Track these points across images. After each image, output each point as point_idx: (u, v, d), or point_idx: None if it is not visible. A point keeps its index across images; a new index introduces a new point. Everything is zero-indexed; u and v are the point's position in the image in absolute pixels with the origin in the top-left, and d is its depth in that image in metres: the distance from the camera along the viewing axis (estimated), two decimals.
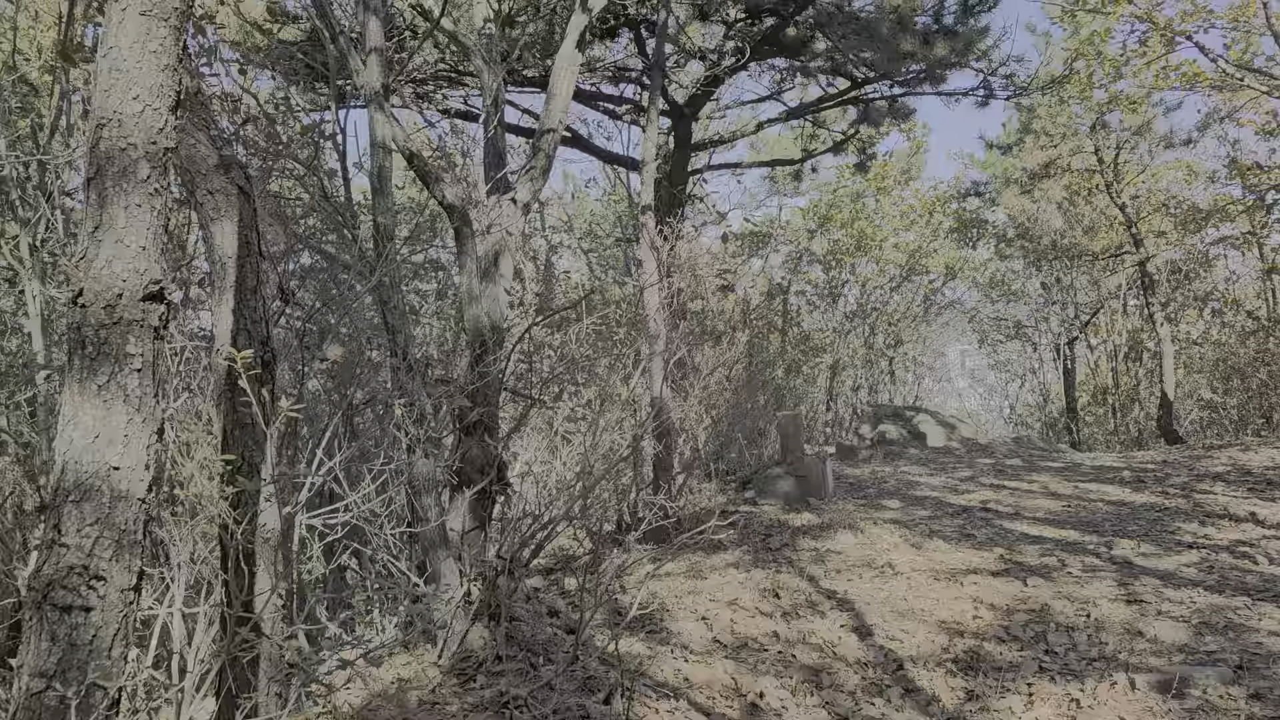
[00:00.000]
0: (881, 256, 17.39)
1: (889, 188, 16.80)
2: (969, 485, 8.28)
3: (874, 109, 12.67)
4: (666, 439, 5.79)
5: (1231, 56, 11.16)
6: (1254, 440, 10.04)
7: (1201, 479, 7.98)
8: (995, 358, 23.47)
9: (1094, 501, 7.19)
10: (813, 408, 17.51)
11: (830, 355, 16.92)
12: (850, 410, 18.17)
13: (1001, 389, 25.30)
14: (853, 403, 18.13)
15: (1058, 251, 16.53)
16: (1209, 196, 14.75)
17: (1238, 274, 17.96)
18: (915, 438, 11.69)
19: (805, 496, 7.61)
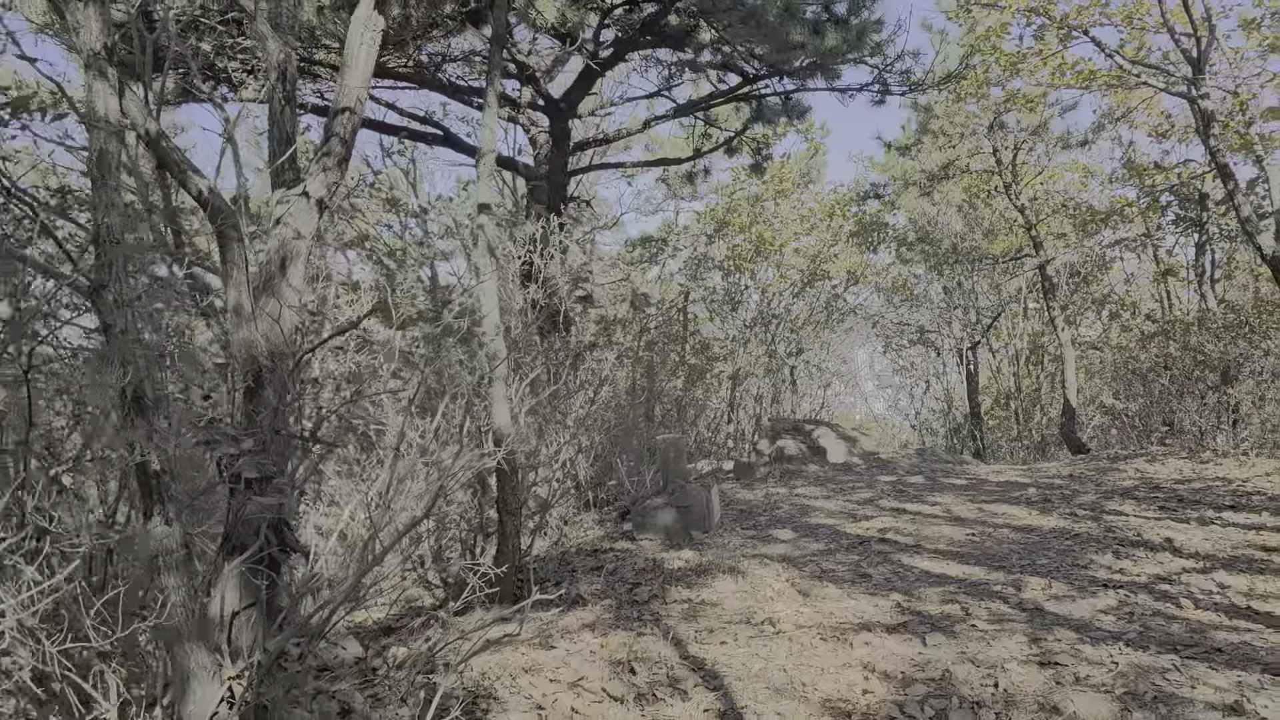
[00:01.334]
0: (782, 262, 16.84)
1: (787, 190, 16.26)
2: (868, 509, 7.62)
3: (767, 106, 12.03)
4: (510, 479, 4.93)
5: (1126, 54, 10.84)
6: (1159, 450, 9.66)
7: (1110, 496, 7.47)
8: (900, 363, 23.24)
9: (1000, 528, 6.58)
10: (714, 420, 16.87)
11: (731, 364, 16.27)
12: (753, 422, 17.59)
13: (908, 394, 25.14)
14: (755, 413, 17.55)
15: (958, 255, 16.21)
16: (1106, 198, 14.57)
17: (1134, 276, 17.96)
18: (815, 453, 11.06)
19: (688, 529, 6.83)
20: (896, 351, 23.45)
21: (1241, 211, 9.93)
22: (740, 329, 16.52)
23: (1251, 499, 6.90)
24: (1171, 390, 10.65)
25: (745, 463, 11.24)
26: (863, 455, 11.05)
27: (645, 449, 9.40)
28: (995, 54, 10.87)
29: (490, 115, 5.08)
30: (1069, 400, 12.69)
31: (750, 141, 12.83)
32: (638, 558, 6.16)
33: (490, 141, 5.01)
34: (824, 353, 21.67)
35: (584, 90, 9.92)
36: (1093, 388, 13.40)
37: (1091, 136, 13.87)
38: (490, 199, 4.94)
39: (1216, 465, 8.38)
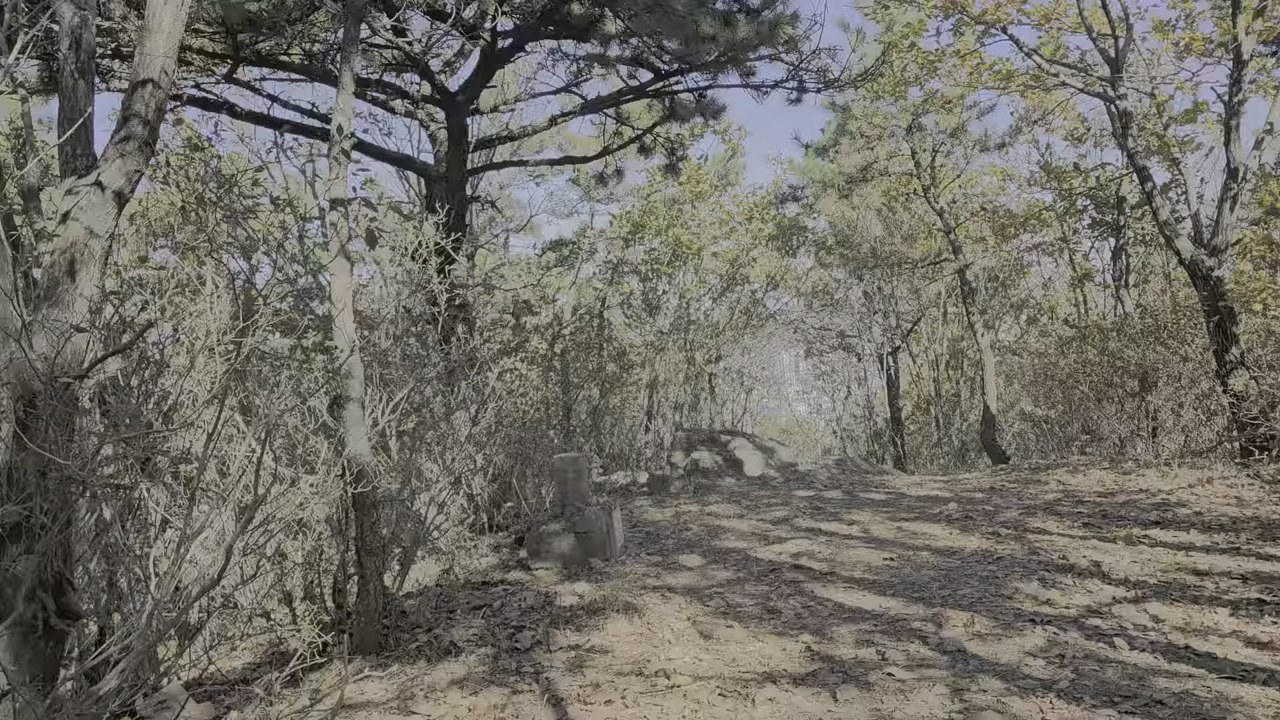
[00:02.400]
0: (701, 266, 16.39)
1: (705, 193, 15.81)
2: (782, 530, 7.13)
3: (680, 104, 11.52)
4: (369, 514, 4.29)
5: (1044, 53, 10.61)
6: (1080, 460, 9.40)
7: (1033, 512, 7.11)
8: (822, 367, 23.00)
9: (920, 550, 6.14)
10: (631, 429, 16.34)
11: (648, 372, 15.76)
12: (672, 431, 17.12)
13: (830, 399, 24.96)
14: (675, 422, 17.07)
15: (877, 259, 15.95)
16: (1024, 202, 14.45)
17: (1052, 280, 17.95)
18: (731, 466, 10.58)
19: (587, 558, 6.26)
20: (818, 356, 23.23)
21: (1160, 214, 9.73)
22: (657, 335, 16.01)
23: (1177, 514, 6.59)
24: (1091, 397, 10.44)
25: (659, 476, 10.70)
26: (780, 467, 10.61)
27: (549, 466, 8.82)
28: (913, 51, 10.54)
29: (345, 98, 4.43)
30: (988, 407, 12.45)
31: (664, 142, 12.31)
32: (528, 592, 5.57)
33: (343, 124, 4.37)
34: (745, 358, 21.31)
35: (482, 82, 9.28)
36: (1012, 394, 13.21)
37: (1009, 140, 13.70)
38: (342, 193, 4.30)
39: (1139, 476, 8.11)
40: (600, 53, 10.44)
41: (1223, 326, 9.02)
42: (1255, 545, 5.59)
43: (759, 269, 16.83)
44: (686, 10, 8.39)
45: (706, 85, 10.76)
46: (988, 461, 12.63)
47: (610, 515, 6.47)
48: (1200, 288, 9.28)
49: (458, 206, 9.74)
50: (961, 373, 17.38)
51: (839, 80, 9.82)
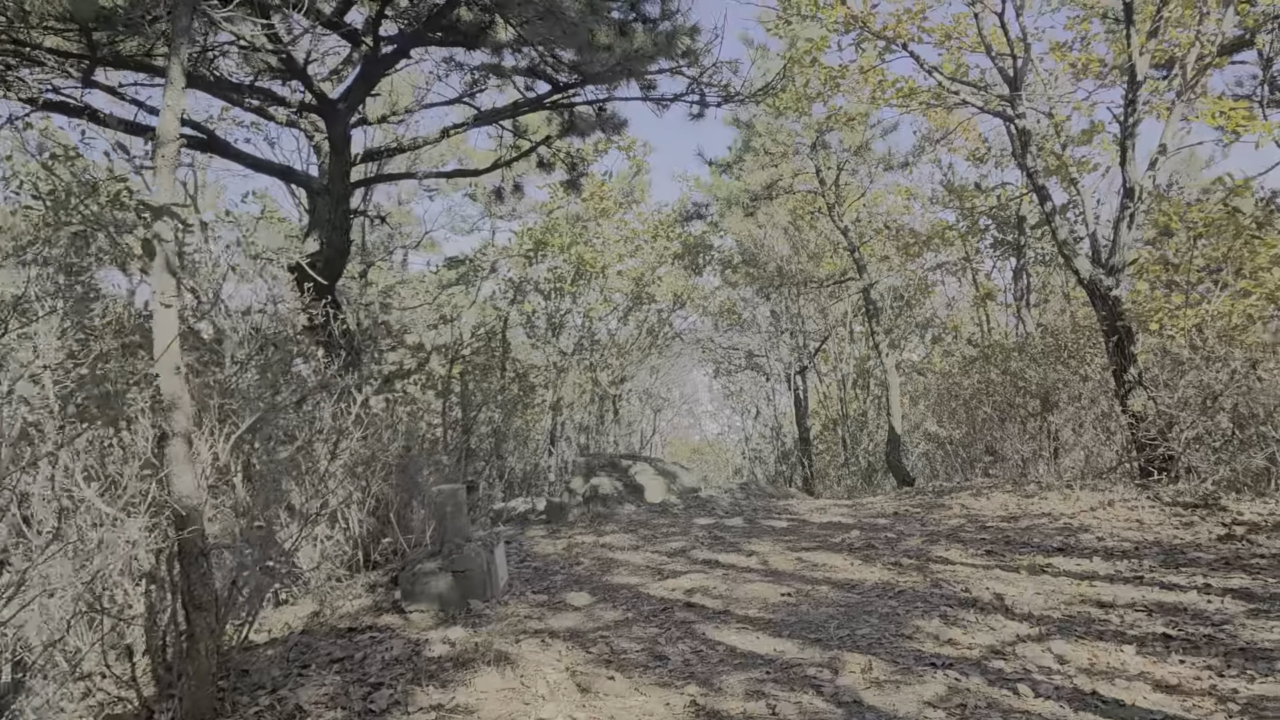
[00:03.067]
0: (605, 284, 16.01)
1: (609, 210, 15.45)
2: (678, 563, 6.74)
3: (580, 118, 11.16)
4: (196, 565, 3.75)
5: (945, 70, 10.55)
6: (984, 482, 9.26)
7: (936, 539, 6.87)
8: (730, 387, 22.83)
9: (819, 584, 5.80)
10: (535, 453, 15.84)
11: (552, 393, 15.29)
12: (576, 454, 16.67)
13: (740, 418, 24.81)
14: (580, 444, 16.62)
15: (783, 278, 15.79)
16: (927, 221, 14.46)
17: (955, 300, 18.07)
18: (632, 492, 10.18)
19: (465, 598, 5.76)
20: (727, 376, 23.06)
21: (1058, 234, 9.70)
22: (560, 355, 15.54)
23: (1080, 539, 6.41)
24: (994, 417, 10.35)
25: (557, 503, 10.23)
26: (682, 493, 10.24)
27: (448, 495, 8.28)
28: (815, 67, 10.38)
29: (173, 94, 3.91)
30: (893, 428, 12.32)
31: (565, 157, 11.93)
32: (397, 640, 5.06)
33: (169, 130, 3.84)
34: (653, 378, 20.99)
35: (365, 90, 8.75)
36: (918, 414, 13.12)
37: (912, 159, 13.70)
38: (169, 199, 3.77)
39: (1041, 499, 7.96)
40: (495, 63, 10.01)
41: (1121, 346, 9.00)
42: (1158, 573, 5.41)
43: (665, 287, 16.54)
44: (580, 18, 8.03)
45: (605, 98, 10.42)
46: (894, 483, 12.50)
47: (492, 552, 5.99)
48: (1099, 307, 9.25)
49: (341, 221, 9.18)
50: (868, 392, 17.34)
51: (740, 95, 9.57)
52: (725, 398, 23.83)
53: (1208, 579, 5.18)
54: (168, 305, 3.70)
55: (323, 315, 9.39)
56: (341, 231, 9.20)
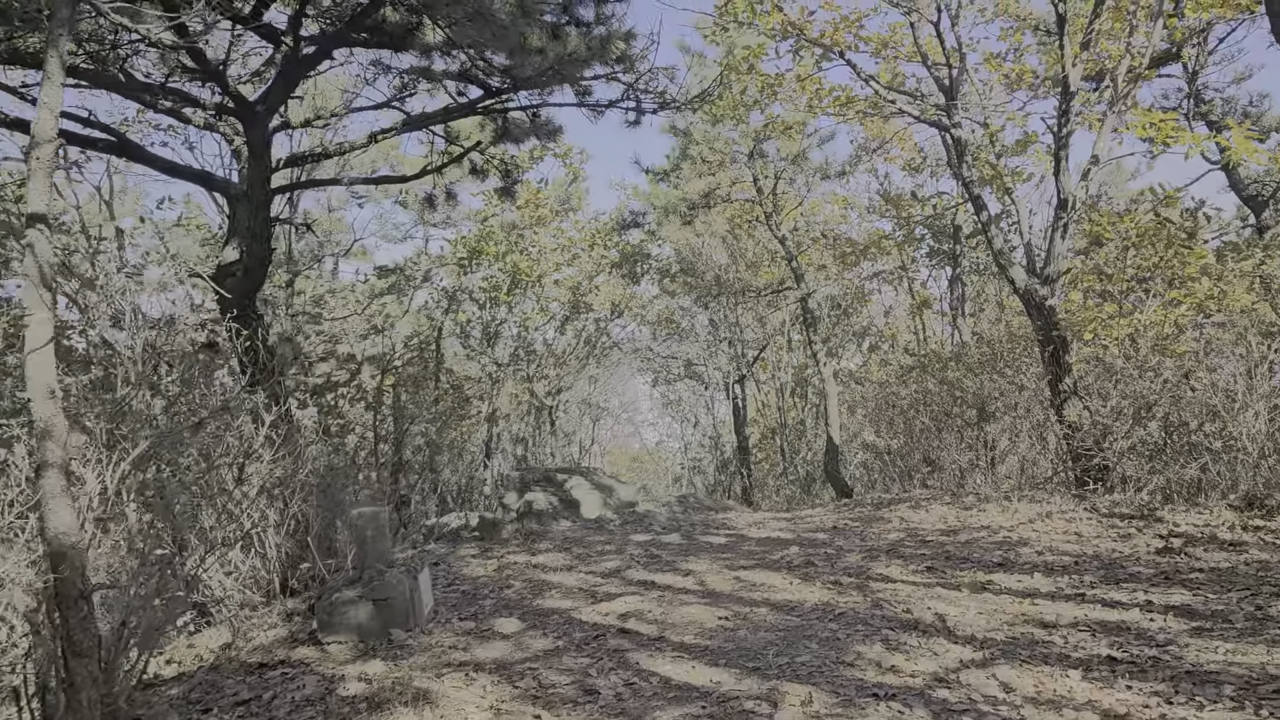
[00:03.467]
0: (542, 294, 15.72)
1: (545, 218, 15.17)
2: (612, 584, 6.50)
3: (514, 124, 10.89)
4: (75, 609, 3.41)
5: (882, 79, 10.50)
6: (922, 494, 9.19)
7: (876, 555, 6.73)
8: (670, 396, 22.67)
9: (758, 605, 5.61)
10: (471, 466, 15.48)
11: (487, 405, 14.95)
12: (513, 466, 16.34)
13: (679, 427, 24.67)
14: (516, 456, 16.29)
15: (720, 287, 15.66)
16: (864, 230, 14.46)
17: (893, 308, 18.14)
18: (568, 507, 9.92)
19: (387, 629, 5.46)
20: (667, 384, 22.91)
21: (994, 243, 9.69)
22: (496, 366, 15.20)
23: (1020, 554, 6.33)
24: (931, 427, 10.30)
25: (490, 519, 9.93)
26: (619, 508, 10.01)
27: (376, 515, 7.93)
28: (752, 75, 10.25)
29: (51, 91, 3.58)
30: (831, 437, 12.25)
31: (498, 163, 11.64)
32: (310, 676, 4.75)
33: (47, 130, 3.51)
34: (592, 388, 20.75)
35: (285, 92, 8.37)
36: (855, 423, 13.06)
37: (850, 168, 13.68)
38: (42, 207, 3.44)
39: (980, 511, 7.89)
40: (425, 66, 9.70)
41: (1056, 356, 9.00)
42: (1099, 589, 5.32)
43: (603, 297, 16.30)
44: (511, 21, 7.77)
45: (539, 104, 10.17)
46: (833, 493, 12.42)
47: (416, 577, 5.69)
48: (1034, 317, 9.26)
49: (261, 228, 8.79)
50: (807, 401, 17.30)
51: (676, 101, 9.39)
52: (664, 406, 23.67)
53: (1149, 595, 5.10)
54: (41, 321, 3.37)
55: (234, 329, 9.00)
56: (262, 240, 8.80)
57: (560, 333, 17.06)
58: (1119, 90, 9.38)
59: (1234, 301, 8.40)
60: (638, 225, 15.01)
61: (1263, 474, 6.95)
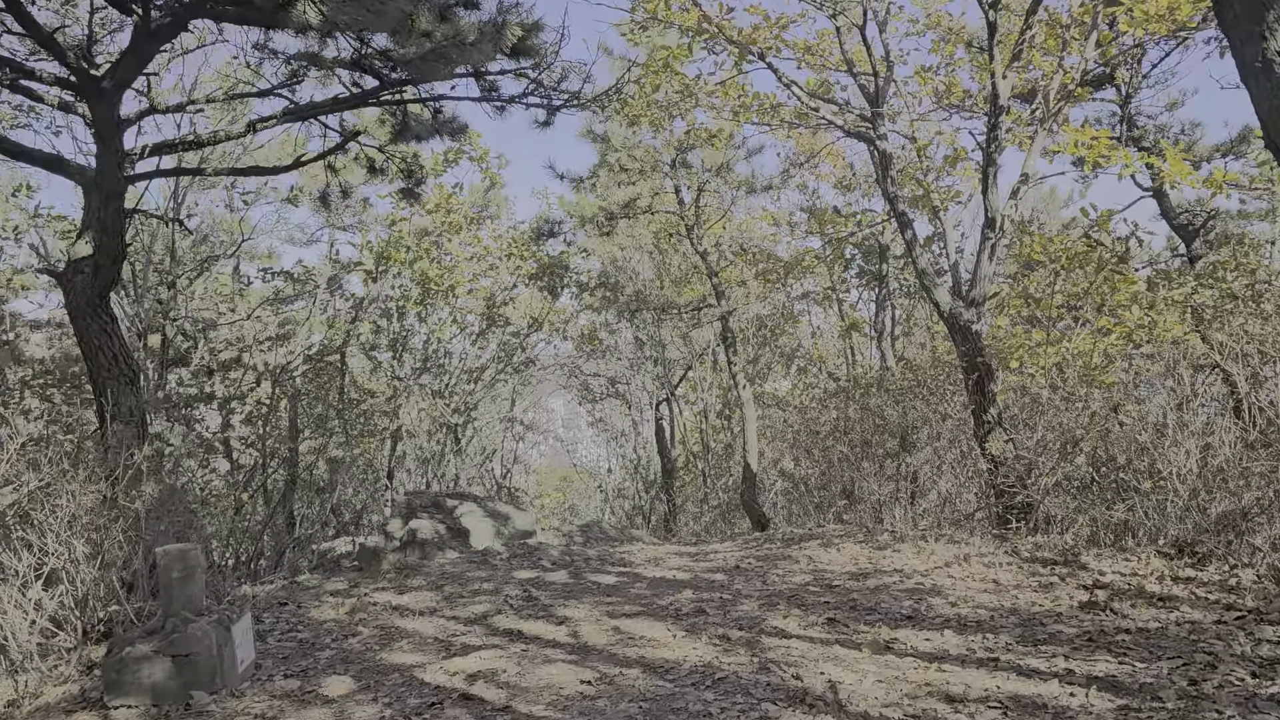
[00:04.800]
0: (455, 305, 14.86)
1: (457, 224, 14.32)
2: (474, 633, 5.70)
3: (415, 120, 10.09)
4: None
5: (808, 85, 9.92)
6: (835, 530, 8.54)
7: (775, 603, 6.03)
8: (595, 415, 21.89)
9: (630, 666, 4.86)
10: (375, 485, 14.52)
11: (391, 422, 14.04)
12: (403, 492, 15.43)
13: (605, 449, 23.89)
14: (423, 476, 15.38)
15: (639, 302, 14.96)
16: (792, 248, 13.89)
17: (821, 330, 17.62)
18: (456, 536, 9.09)
19: (188, 690, 4.61)
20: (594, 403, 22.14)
21: (918, 263, 9.14)
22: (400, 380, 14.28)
23: (931, 605, 5.67)
24: (850, 457, 9.68)
25: (370, 548, 9.07)
26: (511, 538, 9.20)
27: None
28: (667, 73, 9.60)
29: None
30: (749, 465, 11.60)
31: (399, 162, 10.81)
32: None
33: None
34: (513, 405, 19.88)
35: (136, 68, 7.46)
36: (776, 450, 12.42)
37: (777, 183, 13.09)
38: None
39: (894, 551, 7.25)
40: (314, 51, 8.87)
41: (981, 384, 8.45)
42: (1015, 653, 4.67)
43: (520, 310, 15.50)
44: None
45: (437, 95, 9.41)
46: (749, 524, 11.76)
47: (229, 629, 4.83)
48: (959, 342, 8.70)
49: (112, 221, 7.86)
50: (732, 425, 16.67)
51: (582, 98, 8.69)
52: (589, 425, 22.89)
53: (1070, 662, 4.46)
54: None
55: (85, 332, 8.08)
56: (113, 233, 7.87)
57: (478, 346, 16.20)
58: (1050, 107, 8.91)
59: (1164, 332, 7.90)
60: (554, 235, 14.24)
61: (1193, 517, 6.41)
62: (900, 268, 13.10)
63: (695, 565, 7.72)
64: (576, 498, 25.03)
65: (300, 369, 13.55)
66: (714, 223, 12.81)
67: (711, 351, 16.28)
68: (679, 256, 15.57)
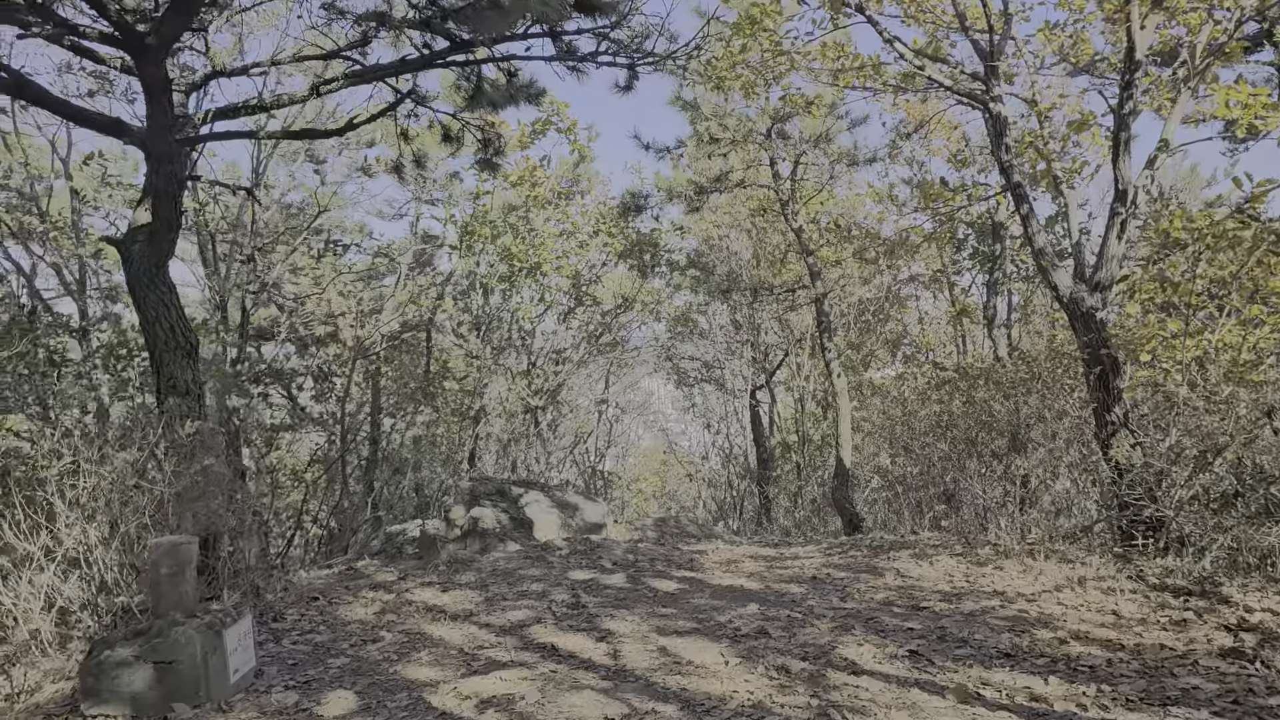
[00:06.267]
0: (541, 283, 14.34)
1: (541, 197, 13.75)
2: (504, 646, 5.10)
3: (490, 84, 9.57)
4: None
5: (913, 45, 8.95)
6: (931, 539, 7.66)
7: (851, 626, 5.24)
8: (688, 401, 21.16)
9: (667, 701, 4.16)
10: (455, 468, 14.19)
11: (475, 401, 13.65)
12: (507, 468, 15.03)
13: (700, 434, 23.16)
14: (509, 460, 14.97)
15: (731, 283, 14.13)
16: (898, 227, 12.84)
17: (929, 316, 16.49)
18: (519, 526, 8.56)
19: (169, 702, 4.13)
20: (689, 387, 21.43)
21: (1035, 241, 8.11)
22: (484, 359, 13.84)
23: (1036, 640, 4.79)
24: (952, 456, 8.72)
25: (430, 536, 8.64)
26: (578, 531, 8.62)
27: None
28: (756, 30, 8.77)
29: None
30: (842, 459, 10.71)
31: (475, 130, 10.30)
32: None
33: None
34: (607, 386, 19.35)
35: (181, 22, 7.07)
36: (875, 444, 11.45)
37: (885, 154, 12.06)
38: None
39: (996, 569, 6.36)
40: (383, 10, 8.44)
41: (1105, 379, 7.40)
42: (1136, 712, 3.79)
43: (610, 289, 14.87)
44: None
45: (509, 56, 8.84)
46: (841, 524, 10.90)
47: (220, 635, 4.33)
48: (1080, 331, 7.67)
49: (166, 186, 7.55)
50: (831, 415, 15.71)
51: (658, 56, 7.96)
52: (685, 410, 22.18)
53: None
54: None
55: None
56: (166, 200, 7.56)
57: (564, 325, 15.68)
58: (1195, 64, 7.72)
59: None
60: (640, 210, 13.48)
61: None
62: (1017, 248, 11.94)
63: (769, 572, 6.97)
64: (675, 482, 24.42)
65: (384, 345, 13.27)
66: (810, 197, 11.91)
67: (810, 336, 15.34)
68: (778, 235, 14.67)
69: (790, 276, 14.39)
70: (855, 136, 18.76)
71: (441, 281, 14.13)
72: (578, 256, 14.15)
